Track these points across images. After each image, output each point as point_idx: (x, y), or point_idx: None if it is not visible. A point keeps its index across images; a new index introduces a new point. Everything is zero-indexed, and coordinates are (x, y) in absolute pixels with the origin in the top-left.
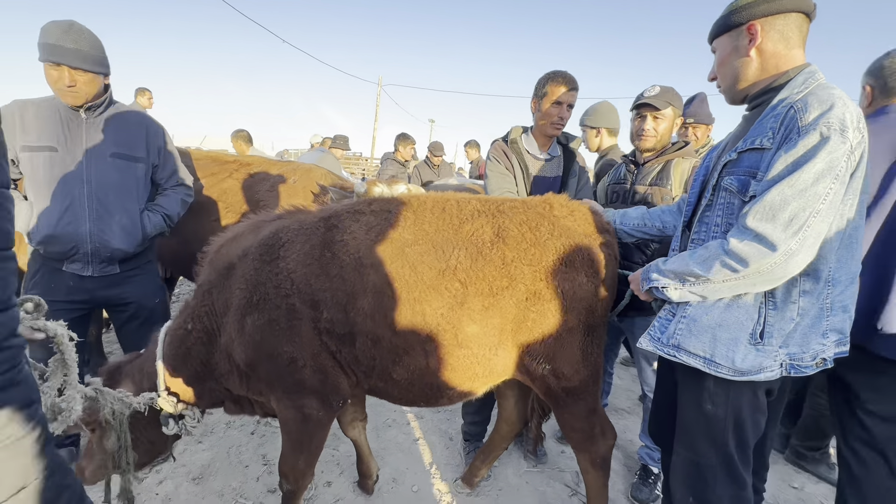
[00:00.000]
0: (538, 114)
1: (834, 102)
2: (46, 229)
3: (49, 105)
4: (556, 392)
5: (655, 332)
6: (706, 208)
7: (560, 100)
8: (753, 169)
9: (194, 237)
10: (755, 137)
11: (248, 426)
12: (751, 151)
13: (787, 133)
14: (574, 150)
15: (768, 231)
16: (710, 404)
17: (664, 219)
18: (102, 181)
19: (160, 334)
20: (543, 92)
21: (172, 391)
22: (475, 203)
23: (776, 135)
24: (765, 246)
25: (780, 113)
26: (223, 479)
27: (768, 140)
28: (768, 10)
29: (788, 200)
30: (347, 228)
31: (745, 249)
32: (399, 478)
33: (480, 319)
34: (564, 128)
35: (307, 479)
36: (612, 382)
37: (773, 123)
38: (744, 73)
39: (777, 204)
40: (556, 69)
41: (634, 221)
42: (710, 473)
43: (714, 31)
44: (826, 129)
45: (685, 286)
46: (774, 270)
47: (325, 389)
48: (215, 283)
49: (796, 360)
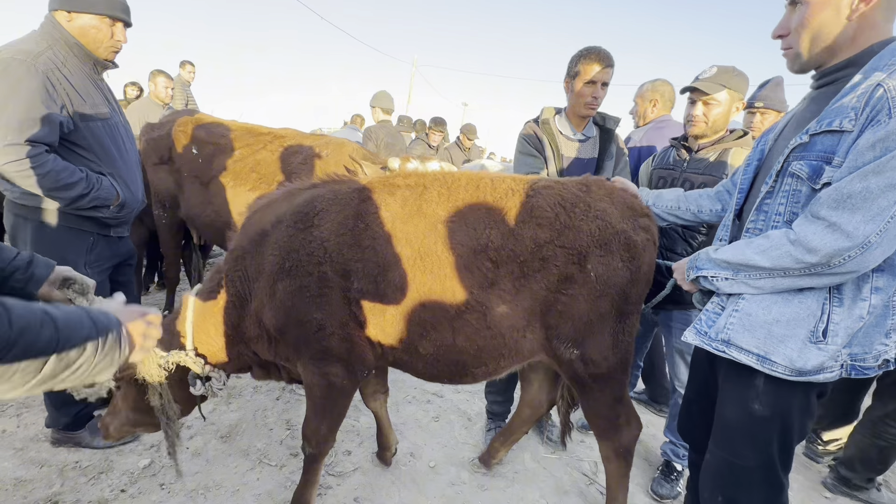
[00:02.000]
0: (571, 94)
1: None
2: (123, 196)
3: (73, 65)
4: (583, 378)
5: (702, 325)
6: (766, 195)
7: (594, 78)
8: (829, 154)
9: (228, 207)
10: (833, 118)
11: (273, 391)
12: (827, 134)
13: (875, 114)
14: (612, 129)
15: (844, 221)
16: (757, 404)
17: (700, 203)
18: (132, 142)
19: (189, 297)
20: (576, 71)
21: (200, 353)
22: (509, 182)
23: (859, 116)
24: (840, 237)
25: (864, 91)
26: (248, 440)
27: (850, 122)
28: None
29: (872, 189)
30: (382, 201)
31: (816, 240)
32: (417, 452)
33: (511, 300)
34: (599, 107)
35: (329, 444)
36: (638, 375)
37: (857, 103)
38: (834, 40)
39: (858, 192)
40: (589, 45)
41: (669, 203)
42: (746, 475)
43: None
44: None
45: (739, 276)
46: (847, 264)
47: (350, 358)
48: (248, 250)
49: (858, 361)
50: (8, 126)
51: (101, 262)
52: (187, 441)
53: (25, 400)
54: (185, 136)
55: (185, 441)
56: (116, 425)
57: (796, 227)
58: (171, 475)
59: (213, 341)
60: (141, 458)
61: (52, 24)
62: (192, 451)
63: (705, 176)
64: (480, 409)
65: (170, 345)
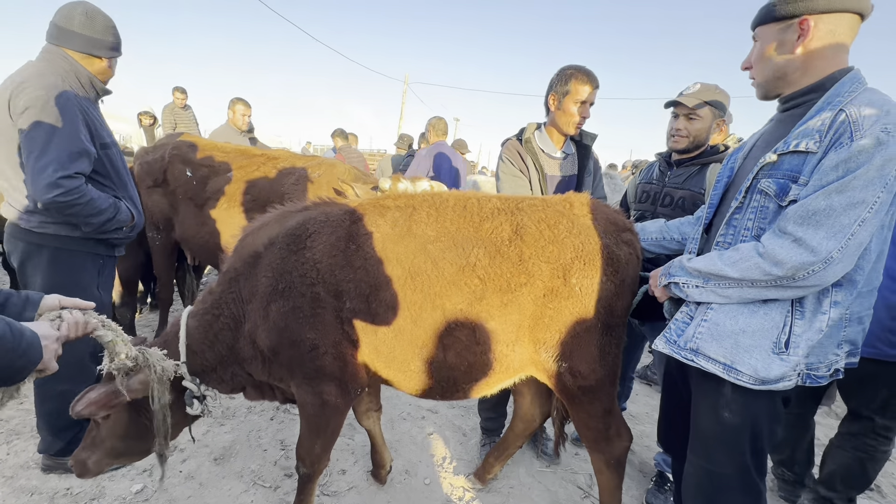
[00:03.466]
0: (558, 111)
1: (890, 108)
2: (136, 218)
3: (85, 96)
4: (573, 390)
5: (672, 334)
6: (736, 210)
7: (585, 99)
8: (795, 173)
9: (222, 228)
10: (799, 140)
11: (267, 412)
12: (793, 154)
13: (838, 137)
14: (589, 146)
15: (809, 236)
16: (727, 412)
17: (683, 230)
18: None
19: (182, 317)
20: (566, 90)
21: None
22: (495, 201)
23: (824, 138)
24: (804, 252)
25: (828, 117)
26: (243, 461)
27: (815, 143)
28: (826, 6)
29: (835, 206)
30: (373, 222)
31: (782, 254)
32: (412, 470)
33: (499, 315)
34: None
35: (323, 463)
36: (631, 387)
37: (821, 126)
38: (784, 71)
39: (822, 209)
40: (576, 65)
41: (653, 235)
42: (723, 482)
43: (760, 17)
44: (884, 134)
45: (709, 285)
46: (810, 277)
47: (344, 377)
48: (241, 271)
49: (813, 370)
50: (59, 161)
51: (109, 281)
52: (180, 464)
53: (16, 426)
54: (180, 158)
55: (177, 464)
56: (96, 459)
57: (765, 240)
58: (164, 500)
59: (207, 362)
60: (133, 483)
61: (64, 57)
62: (184, 474)
63: (684, 190)
64: (475, 425)
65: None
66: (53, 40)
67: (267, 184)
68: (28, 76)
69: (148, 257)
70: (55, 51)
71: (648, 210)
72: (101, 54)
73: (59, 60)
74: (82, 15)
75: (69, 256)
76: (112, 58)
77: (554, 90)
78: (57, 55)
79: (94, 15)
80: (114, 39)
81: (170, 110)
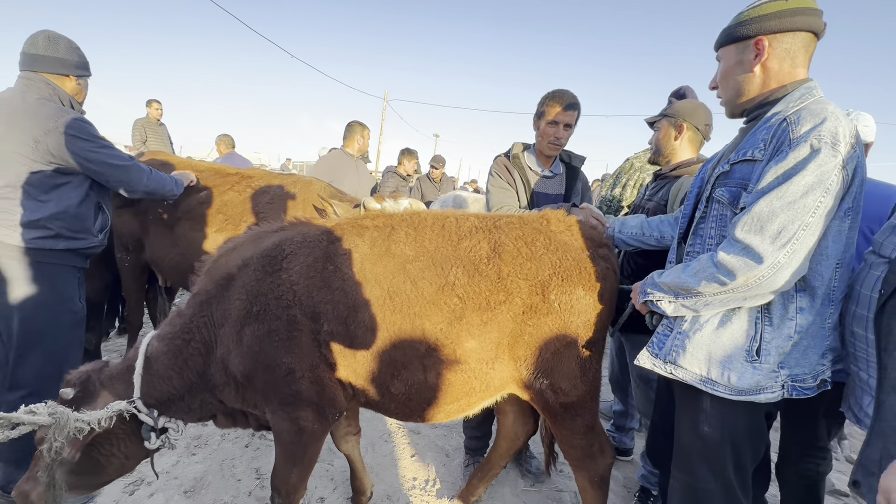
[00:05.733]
0: (537, 132)
1: (826, 116)
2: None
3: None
4: (554, 407)
5: (654, 348)
6: (700, 220)
7: (556, 119)
8: (745, 181)
9: (194, 248)
10: (747, 149)
11: (242, 439)
12: (743, 163)
13: (779, 145)
14: (577, 167)
15: (755, 243)
16: (706, 426)
17: (662, 229)
18: None
19: (142, 344)
20: (541, 111)
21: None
22: (473, 220)
23: (767, 147)
24: (752, 258)
25: (772, 125)
26: (215, 493)
27: (759, 152)
28: (778, 27)
29: (776, 212)
30: (351, 242)
31: (733, 262)
32: (394, 494)
33: (478, 334)
34: (563, 147)
35: (299, 493)
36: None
37: (765, 135)
38: (745, 88)
39: (765, 215)
40: (556, 88)
41: (633, 230)
42: (708, 499)
43: (721, 39)
44: (817, 141)
45: (679, 300)
46: (762, 284)
47: (321, 401)
48: (214, 294)
49: (798, 382)
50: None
51: (84, 295)
52: (147, 499)
53: None
54: None
55: (144, 500)
56: (39, 491)
57: (719, 249)
58: None
59: (175, 389)
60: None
61: (47, 84)
62: None
63: (653, 202)
64: (458, 445)
65: (124, 395)
66: (26, 67)
67: (241, 203)
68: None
69: (116, 278)
70: (32, 76)
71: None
72: (69, 72)
73: (41, 84)
74: (45, 39)
75: (50, 269)
76: (80, 76)
77: (535, 113)
78: (35, 80)
79: (56, 38)
80: (79, 59)
81: (142, 124)
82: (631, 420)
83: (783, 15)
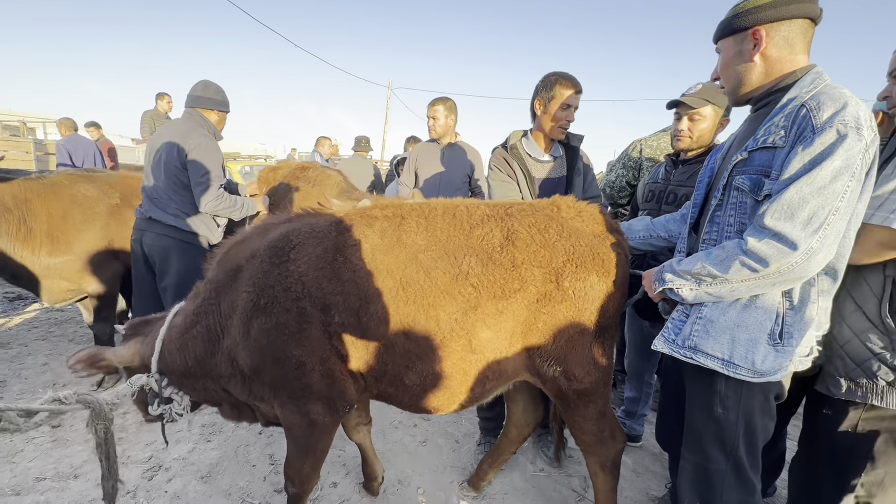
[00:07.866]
0: (545, 116)
1: (847, 101)
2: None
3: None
4: (567, 394)
5: (669, 333)
6: (717, 208)
7: (569, 103)
8: (766, 167)
9: None
10: (766, 136)
11: (256, 426)
12: (762, 150)
13: (801, 131)
14: (577, 147)
15: (787, 230)
16: (721, 408)
17: (669, 227)
18: None
19: (170, 313)
20: (551, 95)
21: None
22: (484, 208)
23: (789, 133)
24: (785, 245)
25: (791, 112)
26: (231, 478)
27: (780, 139)
28: (774, 16)
29: (807, 198)
30: (361, 232)
31: (765, 249)
32: (405, 479)
33: (493, 323)
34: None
35: (312, 482)
36: (650, 393)
37: (785, 122)
38: (747, 78)
39: (796, 202)
40: (560, 71)
41: (640, 234)
42: (719, 478)
43: (718, 32)
44: (843, 126)
45: (701, 286)
46: (795, 270)
47: (331, 394)
48: (223, 283)
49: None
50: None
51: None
52: (165, 484)
53: None
54: None
55: (162, 484)
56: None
57: (747, 237)
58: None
59: (175, 365)
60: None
61: (202, 118)
62: (170, 494)
63: (687, 188)
64: (468, 431)
65: (145, 352)
66: (190, 104)
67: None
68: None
69: (128, 269)
70: (192, 112)
71: (653, 209)
72: (213, 108)
73: (197, 117)
74: (203, 85)
75: (193, 248)
76: (221, 111)
77: (539, 95)
78: (194, 114)
79: (209, 84)
80: (221, 99)
81: (151, 115)
82: (643, 406)
83: (778, 4)
